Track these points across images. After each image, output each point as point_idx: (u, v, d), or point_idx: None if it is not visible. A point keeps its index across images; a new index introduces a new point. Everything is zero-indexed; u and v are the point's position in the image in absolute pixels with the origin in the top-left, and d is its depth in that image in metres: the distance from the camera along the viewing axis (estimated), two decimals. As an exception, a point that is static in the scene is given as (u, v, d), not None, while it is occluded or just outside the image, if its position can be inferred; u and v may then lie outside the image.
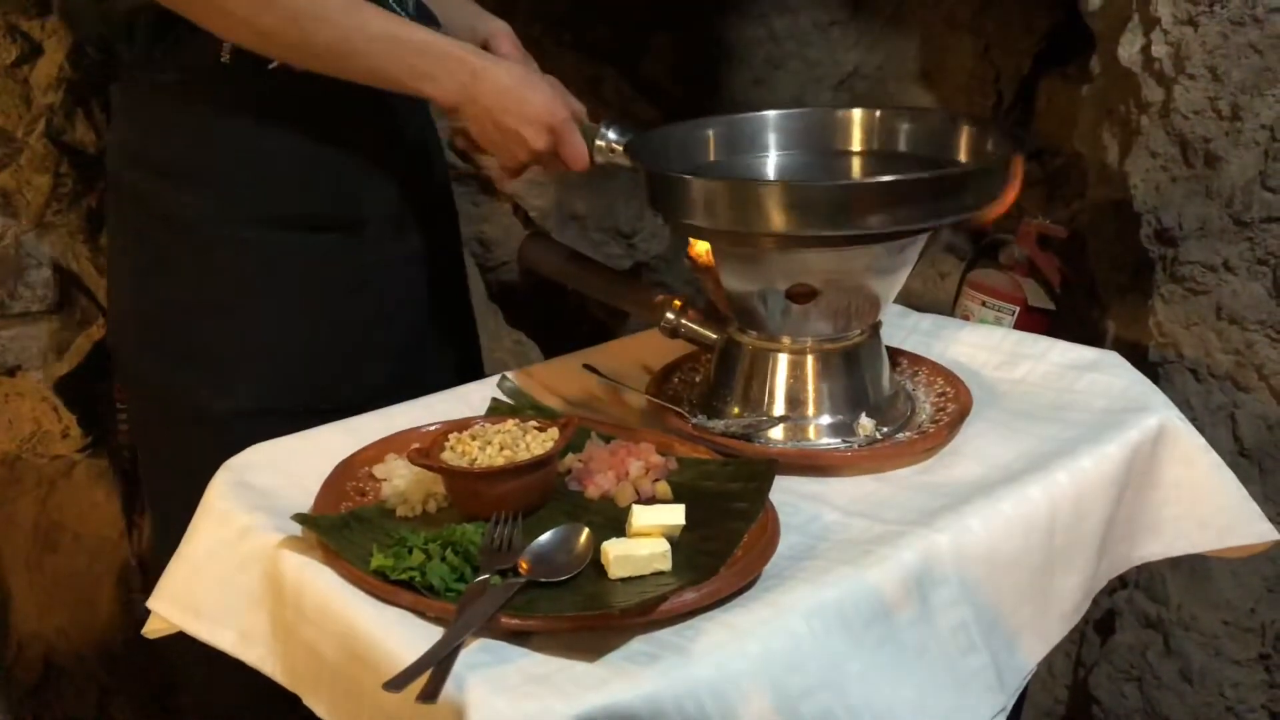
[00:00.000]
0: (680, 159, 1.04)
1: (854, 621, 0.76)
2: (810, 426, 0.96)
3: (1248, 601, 1.39)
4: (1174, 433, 0.98)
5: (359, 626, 0.73)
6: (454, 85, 0.98)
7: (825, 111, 1.10)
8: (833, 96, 2.10)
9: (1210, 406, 1.37)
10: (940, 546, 0.81)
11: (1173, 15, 1.29)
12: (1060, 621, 0.89)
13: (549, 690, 0.67)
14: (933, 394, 1.03)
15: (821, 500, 0.89)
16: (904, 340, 1.14)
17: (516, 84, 0.99)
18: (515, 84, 0.99)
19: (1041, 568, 0.87)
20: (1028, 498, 0.87)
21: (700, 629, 0.72)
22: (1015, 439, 0.96)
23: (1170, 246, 1.36)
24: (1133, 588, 1.47)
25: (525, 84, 1.00)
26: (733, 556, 0.77)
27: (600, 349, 1.16)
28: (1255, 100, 1.26)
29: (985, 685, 0.81)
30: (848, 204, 0.89)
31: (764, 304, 0.95)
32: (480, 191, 2.15)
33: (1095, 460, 0.92)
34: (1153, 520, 0.98)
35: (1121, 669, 1.48)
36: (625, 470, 0.88)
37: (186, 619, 0.84)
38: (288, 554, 0.80)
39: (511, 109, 0.98)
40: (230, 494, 0.87)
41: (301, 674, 0.77)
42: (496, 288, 2.14)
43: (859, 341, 0.98)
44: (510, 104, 0.98)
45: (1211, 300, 1.34)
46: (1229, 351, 1.34)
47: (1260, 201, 1.28)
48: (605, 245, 2.11)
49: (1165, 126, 1.33)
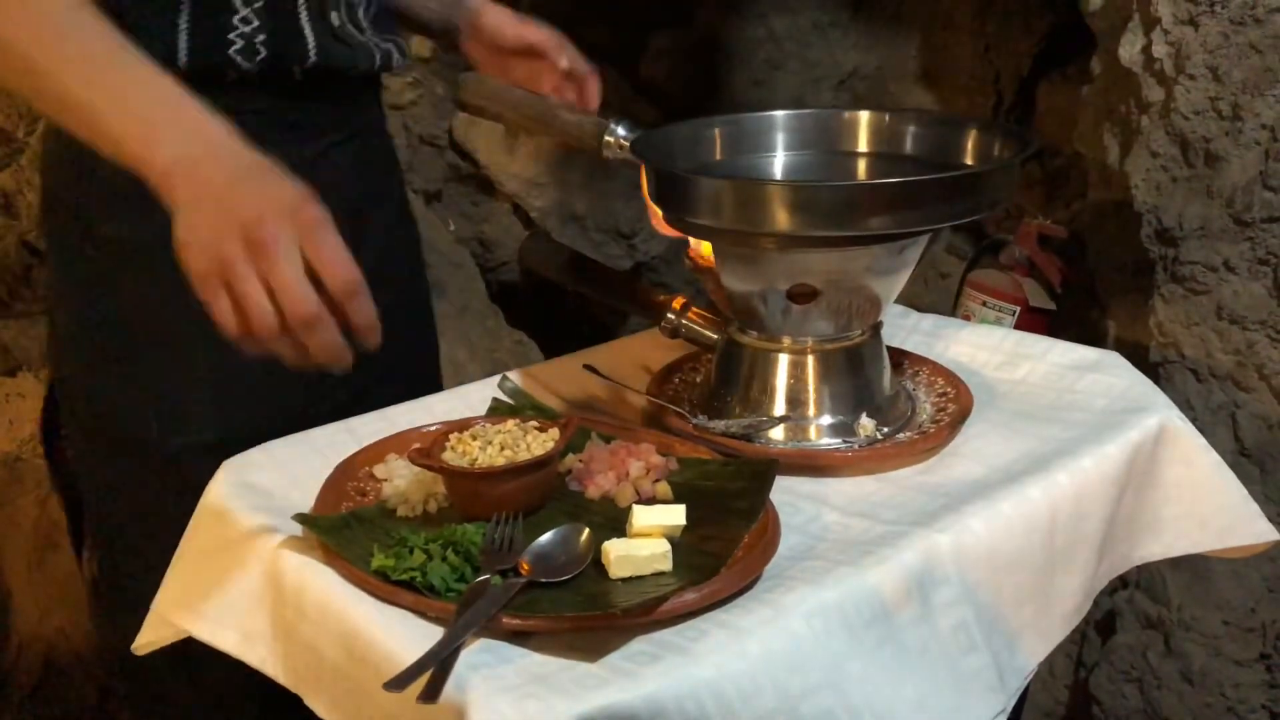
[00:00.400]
0: (685, 158, 1.04)
1: (855, 622, 0.76)
2: (811, 427, 0.96)
3: (1248, 601, 1.39)
4: (1174, 433, 0.98)
5: (360, 626, 0.73)
6: (170, 153, 0.76)
7: (831, 112, 1.10)
8: (833, 97, 2.10)
9: (1211, 406, 1.37)
10: (941, 547, 0.81)
11: (1173, 15, 1.29)
12: (1062, 622, 0.89)
13: (550, 690, 0.67)
14: (933, 394, 1.03)
15: (822, 500, 0.89)
16: (905, 340, 1.14)
17: (261, 174, 0.76)
18: (259, 174, 0.76)
19: (1042, 568, 0.87)
20: (1028, 498, 0.87)
21: (701, 629, 0.72)
22: (1016, 439, 0.96)
23: (1171, 246, 1.36)
24: (1133, 588, 1.47)
25: (269, 175, 0.76)
26: (733, 557, 0.77)
27: (601, 349, 1.16)
28: (1256, 100, 1.26)
29: (986, 685, 0.81)
30: (850, 205, 0.89)
31: (765, 304, 0.95)
32: (480, 191, 2.15)
33: (1096, 460, 0.92)
34: (1153, 520, 0.98)
35: (1122, 669, 1.48)
36: (626, 470, 0.88)
37: (188, 621, 0.84)
38: (288, 554, 0.80)
39: (244, 195, 0.74)
40: (231, 494, 0.87)
41: (302, 674, 0.77)
42: (497, 288, 2.14)
43: (860, 342, 0.98)
44: (245, 190, 0.74)
45: (1212, 300, 1.34)
46: (1230, 351, 1.34)
47: (1261, 201, 1.28)
48: (606, 245, 2.11)
49: (1166, 126, 1.33)
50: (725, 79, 2.10)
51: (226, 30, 0.93)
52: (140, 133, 0.77)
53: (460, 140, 2.08)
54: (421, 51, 2.03)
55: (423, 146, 2.09)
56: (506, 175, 2.09)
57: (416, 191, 2.08)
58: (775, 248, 0.92)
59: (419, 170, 2.10)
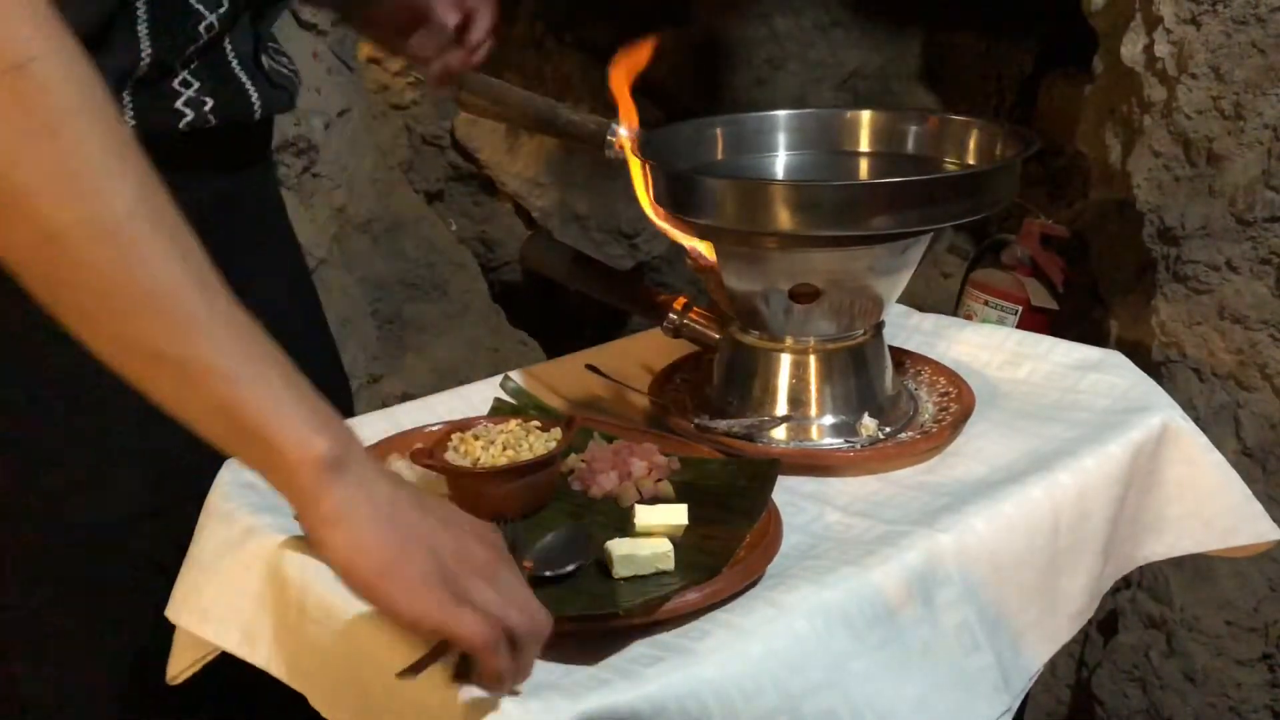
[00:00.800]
0: (688, 157, 1.04)
1: (857, 621, 0.76)
2: (813, 426, 0.96)
3: (1251, 601, 1.39)
4: (1177, 432, 0.97)
5: (362, 625, 0.73)
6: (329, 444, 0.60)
7: (833, 112, 1.10)
8: (834, 97, 2.10)
9: (1213, 406, 1.37)
10: (943, 546, 0.81)
11: (1175, 14, 1.29)
12: (1067, 622, 0.89)
13: (552, 690, 0.67)
14: (935, 394, 1.03)
15: (824, 500, 0.89)
16: (906, 340, 1.14)
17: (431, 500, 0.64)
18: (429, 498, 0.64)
19: (1046, 568, 0.87)
20: (1031, 498, 0.87)
21: (703, 629, 0.72)
22: (1018, 439, 0.96)
23: (1173, 246, 1.36)
24: (1135, 588, 1.46)
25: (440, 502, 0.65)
26: (735, 556, 0.77)
27: (603, 349, 1.16)
28: (1258, 99, 1.26)
29: (990, 685, 0.81)
30: (852, 205, 0.89)
31: (767, 304, 0.95)
32: (481, 191, 2.15)
33: (1098, 460, 0.92)
34: (1156, 520, 0.98)
35: (1124, 669, 1.48)
36: (628, 470, 0.88)
37: (194, 622, 0.84)
38: (291, 554, 0.80)
39: (443, 510, 0.64)
40: (233, 494, 0.87)
41: (306, 673, 0.77)
42: (499, 288, 2.14)
43: (862, 341, 0.98)
44: (436, 505, 0.64)
45: (1215, 300, 1.34)
46: (1232, 351, 1.34)
47: (1263, 201, 1.28)
48: (607, 245, 2.11)
49: (1168, 126, 1.33)
50: (727, 79, 2.10)
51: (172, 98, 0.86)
52: (296, 422, 0.59)
53: (462, 140, 2.08)
54: (423, 51, 2.04)
55: (424, 146, 2.09)
56: (508, 175, 2.09)
57: (418, 191, 2.08)
58: (777, 247, 0.92)
59: (420, 170, 2.10)
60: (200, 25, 0.86)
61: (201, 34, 0.86)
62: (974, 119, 1.06)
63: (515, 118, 1.08)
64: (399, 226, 1.95)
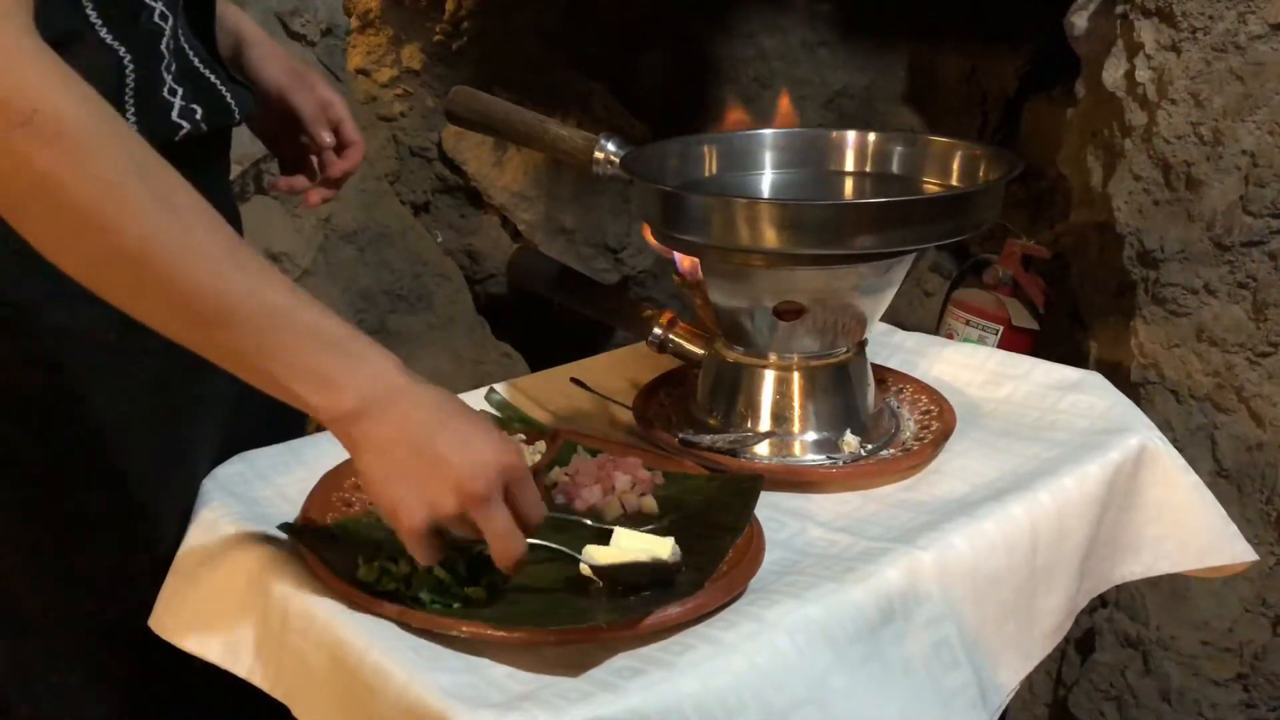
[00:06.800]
0: (675, 174, 1.05)
1: (838, 637, 0.76)
2: (796, 443, 0.97)
3: (1226, 621, 1.40)
4: (1155, 453, 0.99)
5: (345, 636, 0.73)
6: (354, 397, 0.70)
7: (819, 131, 1.11)
8: (820, 116, 2.12)
9: (1190, 427, 1.38)
10: (923, 563, 0.82)
11: (1156, 41, 1.31)
12: (1043, 640, 0.90)
13: (533, 704, 0.67)
14: (917, 412, 1.04)
15: (806, 516, 0.89)
16: (889, 358, 1.15)
17: (460, 421, 0.72)
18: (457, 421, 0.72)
19: (1024, 586, 0.88)
20: (1010, 516, 0.88)
21: (685, 643, 0.73)
22: (998, 458, 0.97)
23: (1152, 269, 1.37)
24: (1112, 607, 1.48)
25: (467, 421, 0.72)
26: (718, 571, 0.78)
27: (588, 363, 1.16)
28: (1236, 126, 1.28)
29: (968, 702, 0.81)
30: (837, 224, 0.90)
31: (751, 320, 0.96)
32: (468, 203, 2.15)
33: (1077, 480, 0.92)
34: (1134, 540, 0.99)
35: (1101, 688, 1.49)
36: (612, 484, 0.88)
37: (176, 633, 0.83)
38: (274, 564, 0.80)
39: (450, 448, 0.70)
40: (217, 504, 0.87)
41: (290, 684, 0.77)
42: (484, 300, 2.14)
43: (845, 359, 0.98)
44: (449, 441, 0.71)
45: (1192, 322, 1.36)
46: (1209, 373, 1.36)
47: (1241, 226, 1.29)
48: (593, 259, 2.11)
49: (1148, 150, 1.35)
50: (714, 97, 2.11)
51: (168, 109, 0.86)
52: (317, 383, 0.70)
53: (449, 152, 2.09)
54: (412, 64, 2.04)
55: (411, 158, 2.10)
56: (495, 188, 2.10)
57: (405, 203, 2.08)
58: (763, 265, 0.93)
59: (407, 181, 2.10)
60: (154, 16, 0.86)
61: (160, 26, 0.86)
62: (958, 141, 1.07)
63: (503, 131, 1.08)
64: (385, 238, 1.95)
